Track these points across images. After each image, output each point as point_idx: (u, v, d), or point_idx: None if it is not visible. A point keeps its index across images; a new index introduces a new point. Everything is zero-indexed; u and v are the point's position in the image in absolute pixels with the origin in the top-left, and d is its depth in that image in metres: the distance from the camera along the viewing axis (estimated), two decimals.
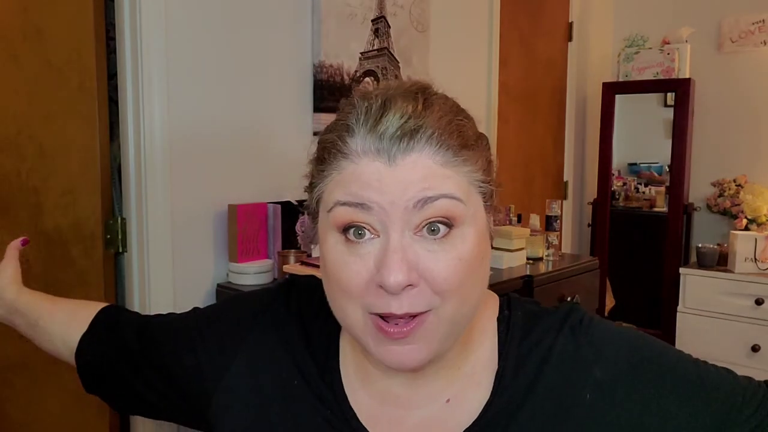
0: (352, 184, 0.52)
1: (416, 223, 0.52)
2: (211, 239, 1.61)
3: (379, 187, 0.51)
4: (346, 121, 0.54)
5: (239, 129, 1.66)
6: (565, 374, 0.59)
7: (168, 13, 1.47)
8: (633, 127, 3.28)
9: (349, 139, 0.53)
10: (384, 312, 0.52)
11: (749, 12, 2.93)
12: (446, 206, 0.52)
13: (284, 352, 0.67)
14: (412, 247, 0.52)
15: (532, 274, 1.81)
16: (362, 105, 0.54)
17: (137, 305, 1.53)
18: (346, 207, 0.52)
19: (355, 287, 0.53)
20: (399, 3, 2.05)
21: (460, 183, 0.53)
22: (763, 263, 2.58)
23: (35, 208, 1.55)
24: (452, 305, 0.53)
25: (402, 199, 0.51)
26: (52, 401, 1.59)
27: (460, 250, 0.53)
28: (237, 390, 0.67)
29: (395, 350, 0.53)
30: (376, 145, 0.52)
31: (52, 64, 1.51)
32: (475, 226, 0.54)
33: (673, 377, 0.58)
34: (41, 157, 1.54)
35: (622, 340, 0.61)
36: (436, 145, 0.52)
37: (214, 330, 0.72)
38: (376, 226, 0.52)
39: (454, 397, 0.61)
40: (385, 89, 0.55)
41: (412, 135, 0.52)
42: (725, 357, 2.59)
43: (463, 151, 0.54)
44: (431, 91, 0.57)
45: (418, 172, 0.51)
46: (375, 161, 0.52)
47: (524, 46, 2.86)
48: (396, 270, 0.50)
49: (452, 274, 0.52)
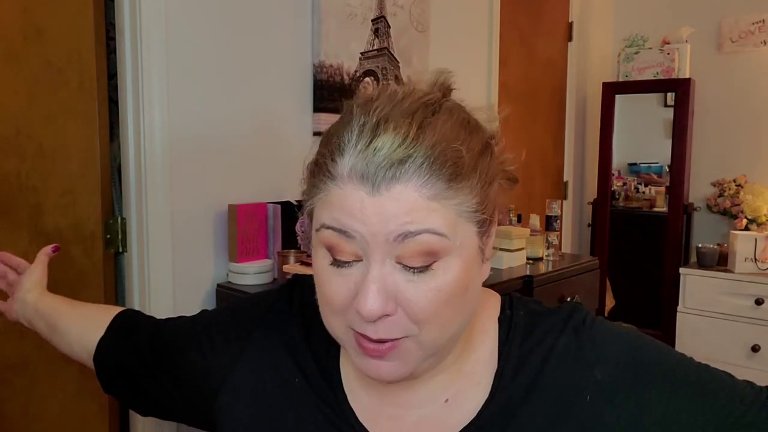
0: (336, 210, 0.51)
1: (397, 254, 0.51)
2: (211, 239, 1.61)
3: (361, 217, 0.50)
4: (340, 138, 0.52)
5: (239, 129, 1.66)
6: (566, 375, 0.59)
7: (168, 13, 1.47)
8: (633, 127, 3.28)
9: (339, 159, 0.51)
10: (360, 331, 0.53)
11: (749, 12, 2.93)
12: (428, 241, 0.50)
13: (286, 352, 0.67)
14: (393, 275, 0.51)
15: (532, 274, 1.81)
16: (358, 120, 0.52)
17: (137, 305, 1.53)
18: (331, 231, 0.52)
19: (336, 304, 0.54)
20: (399, 3, 2.05)
21: (447, 216, 0.51)
22: (763, 263, 2.58)
23: (35, 208, 1.55)
24: (430, 333, 0.53)
25: (383, 232, 0.50)
26: (52, 401, 1.59)
27: (440, 282, 0.51)
28: (240, 389, 0.68)
29: (374, 364, 0.54)
30: (362, 171, 0.50)
31: (52, 64, 1.51)
32: (461, 256, 0.53)
33: (674, 380, 0.58)
34: (41, 157, 1.54)
35: (624, 342, 0.61)
36: (425, 176, 0.50)
37: (220, 330, 0.73)
38: (359, 253, 0.51)
39: (453, 396, 0.61)
40: (388, 101, 0.53)
41: (400, 165, 0.49)
42: (725, 357, 2.59)
43: (454, 182, 0.51)
44: (437, 106, 0.54)
45: (402, 206, 0.49)
46: (359, 190, 0.50)
47: (524, 46, 2.86)
48: (371, 301, 0.50)
49: (428, 305, 0.51)
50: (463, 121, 0.55)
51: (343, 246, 0.52)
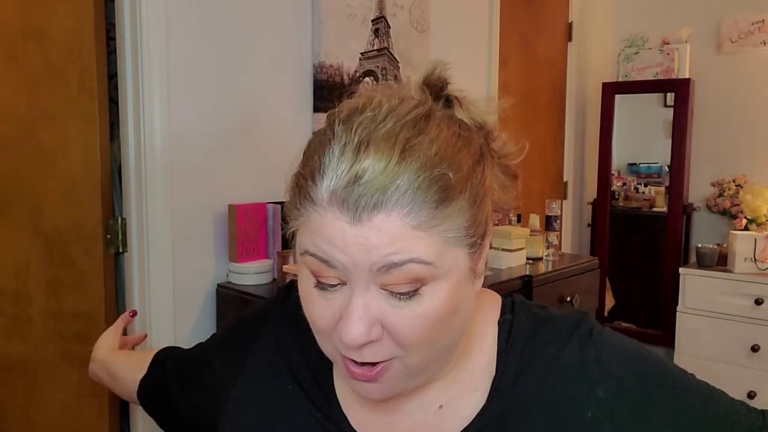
0: (317, 237, 0.49)
1: (382, 281, 0.49)
2: (211, 239, 1.61)
3: (343, 246, 0.47)
4: (321, 158, 0.49)
5: (239, 129, 1.66)
6: (568, 389, 0.57)
7: (168, 13, 1.47)
8: (633, 127, 3.28)
9: (319, 182, 0.48)
10: (346, 355, 0.52)
11: (749, 12, 2.93)
12: (414, 270, 0.48)
13: (280, 357, 0.67)
14: (377, 301, 0.49)
15: (532, 274, 1.81)
16: (339, 140, 0.49)
17: (137, 305, 1.53)
18: (314, 258, 0.50)
19: (322, 328, 0.53)
20: (399, 3, 2.05)
21: (434, 244, 0.48)
22: (762, 263, 2.58)
23: (35, 209, 1.55)
24: (417, 356, 0.52)
25: (365, 263, 0.47)
26: (52, 401, 1.59)
27: (427, 308, 0.49)
28: (241, 400, 0.68)
29: (363, 386, 0.54)
30: (342, 197, 0.47)
31: (52, 64, 1.51)
32: (449, 280, 0.50)
33: (677, 405, 0.57)
34: (41, 158, 1.54)
35: (630, 361, 0.59)
36: (408, 204, 0.46)
37: (225, 345, 0.76)
38: (343, 278, 0.50)
39: (447, 402, 0.60)
40: (371, 119, 0.49)
41: (382, 193, 0.46)
42: (725, 357, 2.60)
43: (441, 207, 0.48)
44: (423, 122, 0.50)
45: (384, 237, 0.47)
46: (339, 219, 0.47)
47: (524, 46, 2.86)
48: (353, 330, 0.48)
49: (414, 332, 0.50)
50: (452, 136, 0.51)
51: (327, 272, 0.50)
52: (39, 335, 1.57)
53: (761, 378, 2.51)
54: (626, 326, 3.18)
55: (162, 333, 1.52)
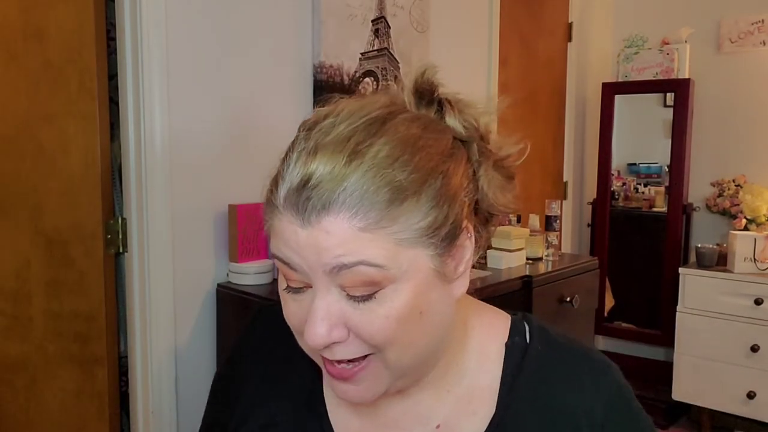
0: (279, 240, 0.51)
1: (339, 283, 0.49)
2: (211, 239, 1.61)
3: (297, 249, 0.49)
4: (283, 163, 0.51)
5: (239, 129, 1.66)
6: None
7: (168, 13, 1.47)
8: (632, 127, 3.28)
9: (278, 187, 0.50)
10: (321, 354, 0.52)
11: (749, 12, 2.93)
12: (364, 272, 0.48)
13: (269, 389, 0.66)
14: (339, 303, 0.49)
15: (532, 274, 1.81)
16: (299, 145, 0.50)
17: (137, 305, 1.53)
18: (280, 261, 0.52)
19: (296, 327, 0.53)
20: (399, 3, 2.05)
21: (384, 246, 0.48)
22: (762, 263, 2.58)
23: (35, 208, 1.55)
24: (393, 353, 0.51)
25: (318, 264, 0.48)
26: (52, 401, 1.59)
27: (388, 309, 0.49)
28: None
29: (343, 387, 0.53)
30: (293, 201, 0.48)
31: (52, 64, 1.51)
32: (409, 281, 0.49)
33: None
34: (41, 157, 1.54)
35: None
36: (355, 206, 0.47)
37: (224, 389, 0.72)
38: (306, 281, 0.51)
39: (445, 422, 0.59)
40: (331, 124, 0.51)
41: (329, 196, 0.47)
42: (724, 357, 2.60)
43: (392, 208, 0.48)
44: (378, 125, 0.51)
45: (332, 239, 0.47)
46: (292, 223, 0.49)
47: (524, 46, 2.86)
48: (314, 331, 0.49)
49: (378, 332, 0.49)
50: (409, 138, 0.51)
51: (291, 275, 0.51)
52: (39, 335, 1.57)
53: (761, 378, 2.51)
54: (626, 326, 3.18)
55: (162, 333, 1.52)
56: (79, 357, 1.57)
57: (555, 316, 1.87)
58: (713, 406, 2.66)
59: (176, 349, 1.55)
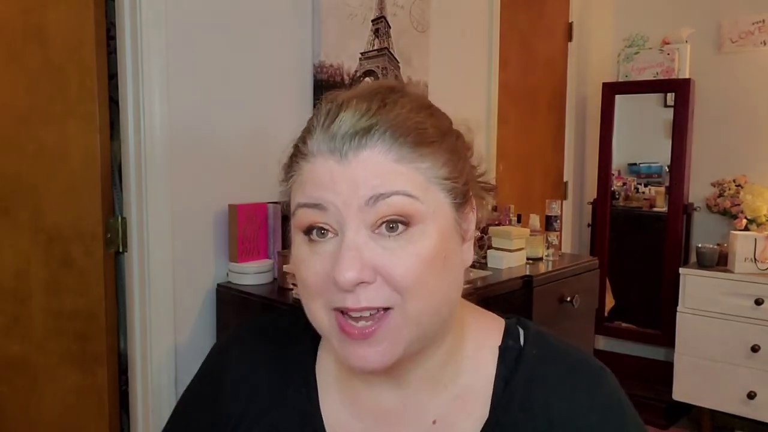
0: (308, 185, 0.53)
1: (372, 221, 0.51)
2: (211, 239, 1.61)
3: (332, 186, 0.51)
4: (309, 124, 0.55)
5: (239, 129, 1.66)
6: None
7: (168, 13, 1.47)
8: (633, 127, 3.28)
9: (309, 140, 0.54)
10: (340, 305, 0.52)
11: (749, 12, 2.93)
12: (400, 203, 0.51)
13: (256, 404, 0.65)
14: (369, 244, 0.51)
15: (532, 274, 1.81)
16: (324, 107, 0.54)
17: (137, 305, 1.53)
18: (305, 209, 0.53)
19: (315, 285, 0.53)
20: (399, 3, 2.05)
21: (416, 180, 0.52)
22: (762, 263, 2.57)
23: (35, 208, 1.55)
24: (416, 303, 0.52)
25: (354, 198, 0.51)
26: (52, 400, 1.59)
27: (418, 247, 0.52)
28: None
29: (358, 351, 0.52)
30: (329, 145, 0.52)
31: (52, 64, 1.51)
32: (436, 223, 0.53)
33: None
34: (41, 157, 1.54)
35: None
36: (389, 142, 0.52)
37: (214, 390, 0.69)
38: (334, 225, 0.52)
39: (441, 419, 0.59)
40: (351, 91, 0.56)
41: (364, 133, 0.51)
42: (725, 357, 2.59)
43: (421, 147, 0.53)
44: (397, 90, 0.56)
45: (369, 170, 0.51)
46: (328, 160, 0.52)
47: (524, 46, 2.86)
48: (346, 267, 0.50)
49: (409, 271, 0.51)
50: (425, 102, 0.57)
51: (319, 219, 0.52)
52: (39, 335, 1.57)
53: (761, 378, 2.51)
54: (626, 326, 3.17)
55: (162, 333, 1.52)
56: (79, 356, 1.57)
57: (555, 316, 1.87)
58: (713, 407, 2.66)
59: (176, 349, 1.55)
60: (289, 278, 1.47)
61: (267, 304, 1.48)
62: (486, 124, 2.52)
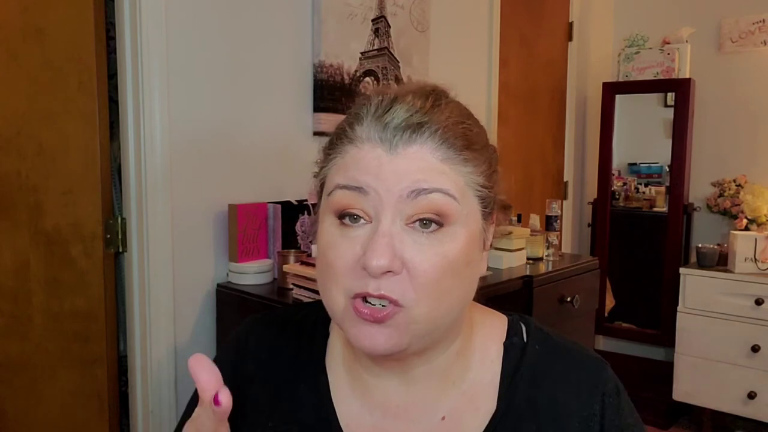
0: (351, 168, 0.54)
1: (409, 214, 0.52)
2: (211, 239, 1.61)
3: (378, 173, 0.52)
4: (358, 111, 0.56)
5: (239, 129, 1.66)
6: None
7: (168, 13, 1.47)
8: (633, 127, 3.28)
9: (357, 126, 0.55)
10: (361, 291, 0.52)
11: (749, 12, 2.93)
12: (439, 201, 0.52)
13: (267, 395, 0.65)
14: (401, 235, 0.52)
15: (532, 274, 1.81)
16: (375, 98, 0.56)
17: (137, 305, 1.53)
18: (344, 191, 0.54)
19: (341, 268, 0.53)
20: (399, 3, 2.05)
21: (457, 181, 0.54)
22: (763, 263, 2.57)
23: (35, 208, 1.55)
24: (426, 306, 0.53)
25: (397, 188, 0.52)
26: (52, 401, 1.59)
27: (447, 248, 0.53)
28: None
29: (368, 331, 0.53)
30: (380, 134, 0.54)
31: (52, 63, 1.51)
32: (467, 227, 0.54)
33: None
34: (41, 157, 1.54)
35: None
36: (438, 141, 0.53)
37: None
38: (370, 212, 0.53)
39: (450, 415, 0.60)
40: (401, 87, 0.57)
41: (416, 128, 0.53)
42: (725, 357, 2.59)
43: (466, 152, 0.55)
44: (446, 94, 0.58)
45: (416, 164, 0.52)
46: (377, 148, 0.53)
47: (524, 46, 2.86)
48: (379, 253, 0.51)
49: (433, 269, 0.52)
50: (468, 113, 0.59)
51: (357, 203, 0.53)
52: (39, 334, 1.56)
53: (761, 378, 2.51)
54: (626, 326, 3.17)
55: (162, 333, 1.52)
56: (79, 357, 1.57)
57: (555, 316, 1.87)
58: (713, 407, 2.66)
59: (176, 349, 1.55)
60: (289, 278, 1.47)
61: (267, 305, 1.48)
62: (486, 124, 2.51)
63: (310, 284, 1.40)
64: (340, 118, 0.60)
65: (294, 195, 1.72)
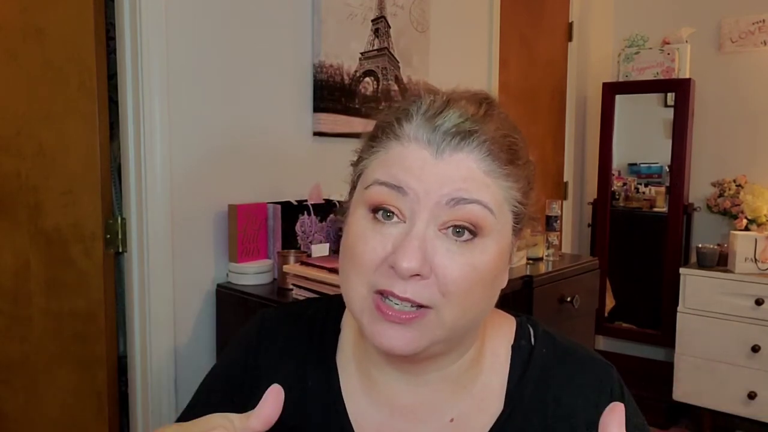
0: (394, 166, 0.53)
1: (444, 220, 0.52)
2: (211, 239, 1.61)
3: (420, 175, 0.52)
4: (408, 108, 0.55)
5: (239, 129, 1.66)
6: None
7: (168, 13, 1.47)
8: (633, 127, 3.28)
9: (405, 123, 0.54)
10: (386, 289, 0.52)
11: (749, 12, 2.93)
12: (477, 213, 0.52)
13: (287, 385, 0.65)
14: (433, 241, 0.52)
15: (532, 274, 1.81)
16: (427, 98, 0.55)
17: (137, 305, 1.53)
18: (383, 187, 0.53)
19: (368, 263, 0.53)
20: (399, 3, 2.04)
21: (497, 195, 0.54)
22: (763, 263, 2.57)
23: (35, 208, 1.55)
24: (454, 311, 0.52)
25: (437, 193, 0.51)
26: (52, 401, 1.59)
27: (477, 260, 0.52)
28: None
29: (387, 332, 0.53)
30: (428, 136, 0.53)
31: (52, 63, 1.51)
32: (498, 242, 0.54)
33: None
34: (41, 157, 1.54)
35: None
36: (485, 152, 0.53)
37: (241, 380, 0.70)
38: (405, 212, 0.52)
39: (458, 417, 0.60)
40: (453, 91, 0.57)
41: (465, 136, 0.53)
42: (725, 357, 2.59)
43: (509, 166, 0.54)
44: (496, 104, 0.57)
45: (460, 172, 0.52)
46: (423, 149, 0.53)
47: (524, 46, 2.86)
48: (411, 256, 0.50)
49: (462, 279, 0.52)
50: (514, 125, 0.59)
51: (394, 201, 0.52)
52: (39, 335, 1.56)
53: (761, 378, 2.51)
54: (626, 326, 3.17)
55: (161, 333, 1.52)
56: (79, 357, 1.57)
57: (555, 316, 1.87)
58: (714, 407, 2.66)
59: (176, 350, 1.55)
60: (289, 279, 1.47)
61: (267, 305, 1.47)
62: None
63: (310, 284, 1.40)
64: (340, 118, 0.61)
65: (294, 195, 1.72)
